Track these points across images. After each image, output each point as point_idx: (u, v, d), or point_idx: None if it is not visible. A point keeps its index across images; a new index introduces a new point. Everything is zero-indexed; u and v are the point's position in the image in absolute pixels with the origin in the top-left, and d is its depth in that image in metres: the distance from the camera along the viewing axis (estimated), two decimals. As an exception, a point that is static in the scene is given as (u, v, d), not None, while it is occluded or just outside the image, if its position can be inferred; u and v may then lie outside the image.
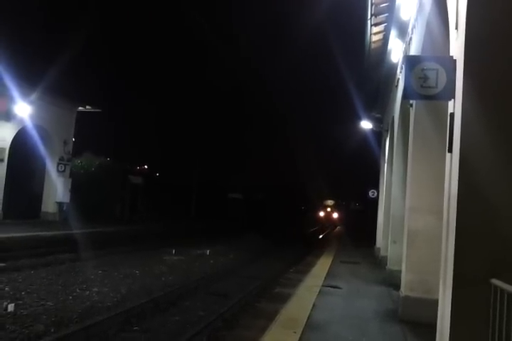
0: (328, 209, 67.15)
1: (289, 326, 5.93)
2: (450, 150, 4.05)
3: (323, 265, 12.81)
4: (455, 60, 4.09)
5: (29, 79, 19.25)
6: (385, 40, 10.64)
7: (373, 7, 9.07)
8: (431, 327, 4.59)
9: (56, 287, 9.22)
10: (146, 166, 41.11)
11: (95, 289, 9.20)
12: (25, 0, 27.24)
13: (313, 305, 7.25)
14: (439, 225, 4.42)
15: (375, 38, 10.66)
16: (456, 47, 4.08)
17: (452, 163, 3.97)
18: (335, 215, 65.73)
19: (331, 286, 9.22)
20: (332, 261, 13.96)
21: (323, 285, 9.21)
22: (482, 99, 3.68)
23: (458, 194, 3.70)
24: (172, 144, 38.32)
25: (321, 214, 66.38)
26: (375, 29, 10.12)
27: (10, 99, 19.10)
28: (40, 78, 19.32)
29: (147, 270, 12.04)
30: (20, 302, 7.78)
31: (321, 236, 34.21)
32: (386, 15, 9.50)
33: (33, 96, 19.70)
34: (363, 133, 20.02)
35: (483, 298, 3.43)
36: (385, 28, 10.20)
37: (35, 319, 6.88)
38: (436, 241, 4.60)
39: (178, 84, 41.38)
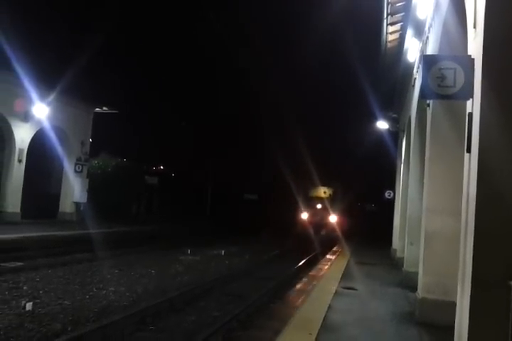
0: (319, 206, 31.45)
1: (305, 327, 5.90)
2: (468, 151, 3.99)
3: (338, 266, 12.74)
4: (473, 59, 4.03)
5: (47, 80, 19.50)
6: (401, 40, 10.55)
7: (389, 6, 9.00)
8: (449, 330, 4.53)
9: (73, 286, 9.33)
10: (161, 166, 41.35)
11: (112, 288, 9.29)
12: (42, 0, 27.54)
13: (329, 307, 7.20)
14: (457, 226, 4.36)
15: (391, 37, 10.59)
16: (474, 46, 4.02)
17: (471, 163, 3.91)
18: (332, 218, 30.16)
19: (347, 288, 9.16)
20: (347, 262, 13.87)
21: (338, 287, 9.16)
22: (501, 98, 3.61)
23: (476, 195, 3.64)
24: (188, 144, 38.46)
25: (304, 215, 30.80)
26: (391, 28, 10.04)
27: (28, 101, 19.39)
28: (58, 79, 19.55)
29: (163, 270, 12.11)
30: (38, 301, 7.89)
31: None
32: (402, 14, 9.42)
33: (51, 97, 19.96)
34: (379, 133, 19.88)
35: (501, 300, 3.37)
36: (401, 27, 10.12)
37: (52, 318, 6.97)
38: (454, 242, 4.53)
39: (192, 85, 41.42)
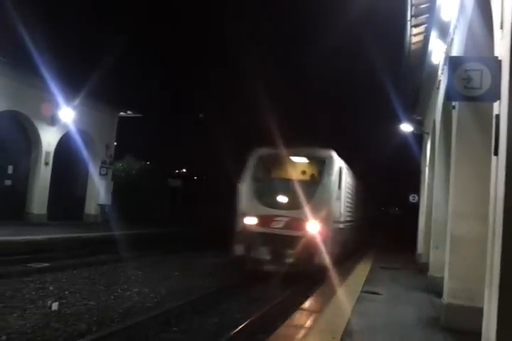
0: (282, 200, 11.95)
1: (328, 332, 5.87)
2: (496, 153, 3.93)
3: (361, 270, 12.62)
4: (500, 61, 3.97)
5: (72, 84, 19.86)
6: (426, 42, 10.43)
7: (413, 8, 8.92)
8: (475, 336, 4.45)
9: (98, 287, 9.46)
10: (184, 169, 41.67)
11: (135, 289, 9.39)
12: (66, 3, 27.98)
13: (352, 311, 7.15)
14: (484, 230, 4.29)
15: (415, 39, 10.48)
16: (502, 47, 3.96)
17: (498, 166, 3.85)
18: (313, 227, 11.23)
19: (371, 292, 9.07)
20: (371, 266, 13.74)
21: (362, 291, 9.08)
22: (530, 100, 3.55)
23: (504, 198, 3.57)
24: (208, 146, 38.71)
25: (250, 220, 11.84)
26: (415, 30, 9.95)
27: (54, 105, 19.79)
28: (83, 83, 19.89)
29: (186, 271, 12.19)
30: (64, 301, 8.02)
31: None
32: (426, 16, 9.33)
33: (76, 101, 20.32)
34: (402, 136, 19.65)
35: (531, 306, 3.30)
36: (425, 29, 10.01)
37: (78, 318, 7.08)
38: (481, 246, 4.46)
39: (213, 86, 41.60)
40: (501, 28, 3.95)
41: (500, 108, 3.91)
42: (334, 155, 12.93)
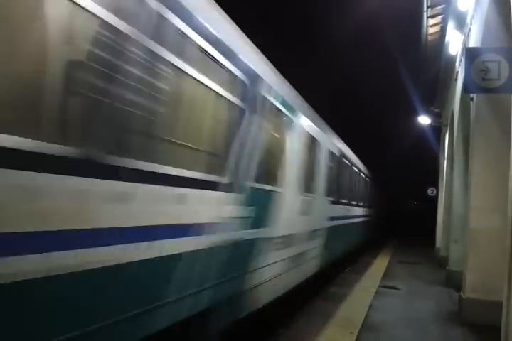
0: None
1: (345, 326, 5.85)
2: (514, 146, 3.86)
3: (379, 265, 12.55)
4: (519, 50, 3.89)
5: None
6: (442, 32, 10.28)
7: (429, -2, 8.80)
8: (495, 330, 4.40)
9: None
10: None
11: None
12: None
13: (370, 306, 7.11)
14: (505, 224, 4.22)
15: (431, 30, 10.34)
16: (520, 36, 3.88)
17: (517, 158, 3.78)
18: None
19: (388, 287, 9.02)
20: (389, 261, 13.65)
21: (380, 286, 9.02)
22: (549, 90, 3.47)
23: (523, 191, 3.51)
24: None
25: None
26: (431, 21, 9.81)
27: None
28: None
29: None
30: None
31: None
32: (443, 6, 9.19)
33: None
34: (420, 129, 19.42)
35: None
36: (442, 20, 9.86)
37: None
38: (501, 240, 4.39)
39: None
40: (519, 17, 3.87)
41: (518, 99, 3.84)
42: None
